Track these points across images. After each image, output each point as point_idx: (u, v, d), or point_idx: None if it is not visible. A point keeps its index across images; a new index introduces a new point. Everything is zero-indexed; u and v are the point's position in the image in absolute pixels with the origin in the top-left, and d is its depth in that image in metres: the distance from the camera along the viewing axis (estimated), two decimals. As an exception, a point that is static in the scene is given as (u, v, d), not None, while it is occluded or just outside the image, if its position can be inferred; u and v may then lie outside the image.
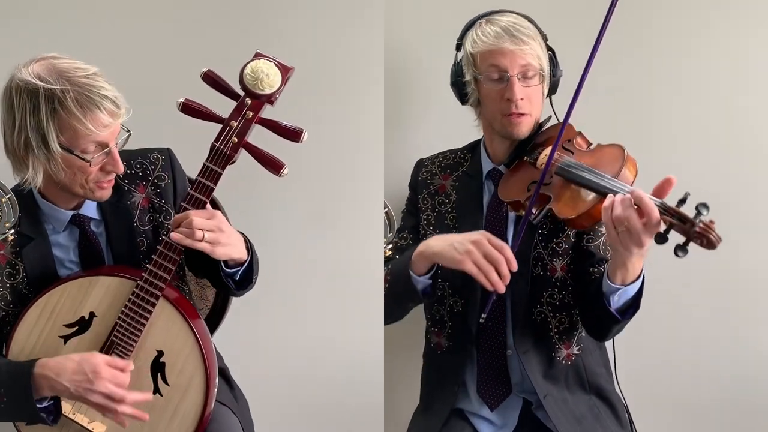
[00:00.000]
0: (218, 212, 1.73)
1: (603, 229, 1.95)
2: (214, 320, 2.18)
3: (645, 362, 2.35)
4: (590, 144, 1.98)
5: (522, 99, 1.94)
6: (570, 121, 1.88)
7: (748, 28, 2.37)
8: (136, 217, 1.84)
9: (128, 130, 1.75)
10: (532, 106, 1.97)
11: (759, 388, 2.45)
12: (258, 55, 1.75)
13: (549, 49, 2.01)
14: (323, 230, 2.30)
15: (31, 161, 1.69)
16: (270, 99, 1.74)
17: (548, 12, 2.08)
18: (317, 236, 2.30)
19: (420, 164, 2.17)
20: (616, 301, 1.83)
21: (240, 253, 1.77)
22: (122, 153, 1.78)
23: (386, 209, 1.89)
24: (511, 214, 2.00)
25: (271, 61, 1.74)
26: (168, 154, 1.90)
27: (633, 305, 1.85)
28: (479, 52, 1.96)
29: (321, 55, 2.26)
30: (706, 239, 1.66)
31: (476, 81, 2.00)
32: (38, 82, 1.64)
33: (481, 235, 1.83)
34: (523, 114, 1.95)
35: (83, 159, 1.68)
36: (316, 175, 2.28)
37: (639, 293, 1.83)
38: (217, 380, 1.80)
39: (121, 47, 2.18)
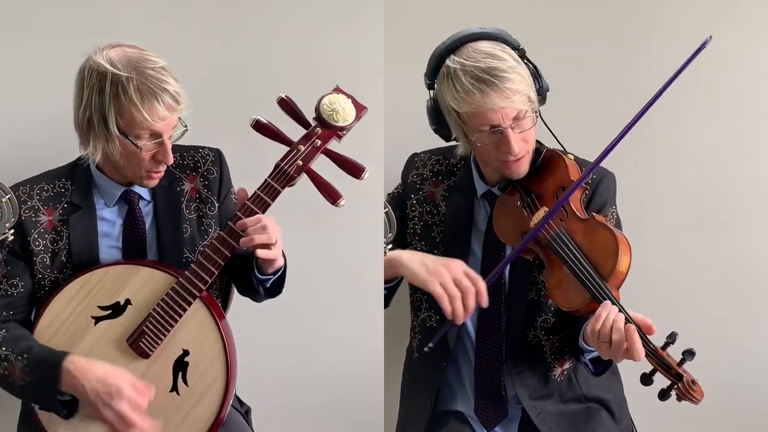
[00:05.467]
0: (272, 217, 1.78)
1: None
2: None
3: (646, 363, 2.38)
4: (586, 189, 1.95)
5: (518, 147, 1.86)
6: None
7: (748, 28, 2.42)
8: (184, 204, 1.91)
9: (185, 126, 1.82)
10: (529, 144, 1.90)
11: (759, 389, 2.46)
12: (337, 90, 1.82)
13: (530, 63, 1.90)
14: (323, 230, 2.31)
15: (92, 138, 1.78)
16: (339, 132, 1.81)
17: (540, 11, 2.10)
18: (317, 236, 2.31)
19: (412, 162, 2.12)
20: (591, 353, 1.88)
21: (281, 259, 1.83)
22: (175, 146, 1.86)
23: (386, 209, 1.91)
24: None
25: (348, 98, 1.81)
26: (218, 152, 1.98)
27: (608, 360, 1.88)
28: (465, 112, 1.84)
29: (321, 55, 2.27)
30: (687, 399, 1.75)
31: (464, 136, 1.90)
32: (109, 67, 1.73)
33: (458, 263, 1.80)
34: (521, 157, 1.89)
35: (135, 144, 1.76)
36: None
37: None
38: (235, 389, 1.82)
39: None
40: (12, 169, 2.02)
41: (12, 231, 1.70)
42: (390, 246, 1.93)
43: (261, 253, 1.74)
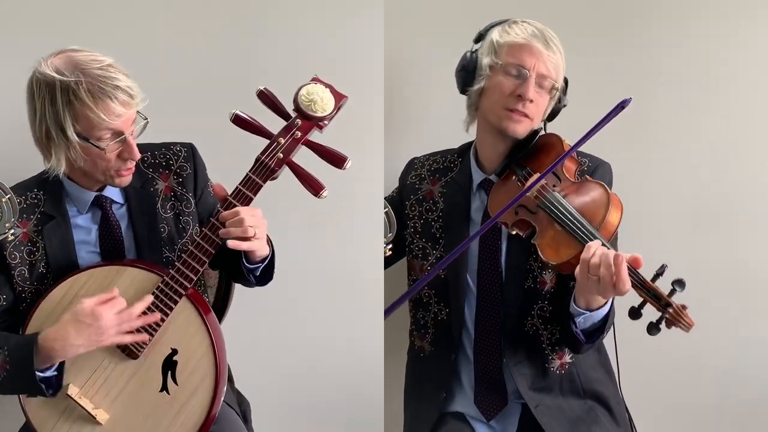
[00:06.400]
0: (258, 208, 1.77)
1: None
2: (213, 321, 2.19)
3: (645, 362, 2.34)
4: (581, 163, 1.98)
5: (531, 101, 1.94)
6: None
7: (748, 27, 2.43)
8: (159, 204, 1.90)
9: (146, 118, 1.81)
10: (536, 112, 1.96)
11: (759, 389, 2.45)
12: (315, 80, 1.81)
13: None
14: (323, 230, 2.31)
15: (53, 149, 1.77)
16: (319, 122, 1.79)
17: (541, 12, 2.09)
18: (317, 236, 2.31)
19: (411, 165, 2.17)
20: (582, 323, 1.87)
21: (265, 248, 1.82)
22: (146, 145, 1.86)
23: (386, 209, 1.91)
24: (505, 229, 2.00)
25: (327, 87, 1.80)
26: (190, 147, 1.96)
27: (600, 328, 1.88)
28: (507, 43, 1.95)
29: (321, 55, 2.27)
30: (677, 325, 1.73)
31: (491, 68, 1.97)
32: (55, 75, 1.72)
33: None
34: (525, 115, 1.95)
35: (98, 147, 1.75)
36: (315, 174, 2.29)
37: (606, 318, 1.87)
38: (225, 385, 1.81)
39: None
40: (10, 169, 2.01)
41: (12, 231, 1.71)
42: (390, 246, 1.93)
43: (232, 244, 1.73)
